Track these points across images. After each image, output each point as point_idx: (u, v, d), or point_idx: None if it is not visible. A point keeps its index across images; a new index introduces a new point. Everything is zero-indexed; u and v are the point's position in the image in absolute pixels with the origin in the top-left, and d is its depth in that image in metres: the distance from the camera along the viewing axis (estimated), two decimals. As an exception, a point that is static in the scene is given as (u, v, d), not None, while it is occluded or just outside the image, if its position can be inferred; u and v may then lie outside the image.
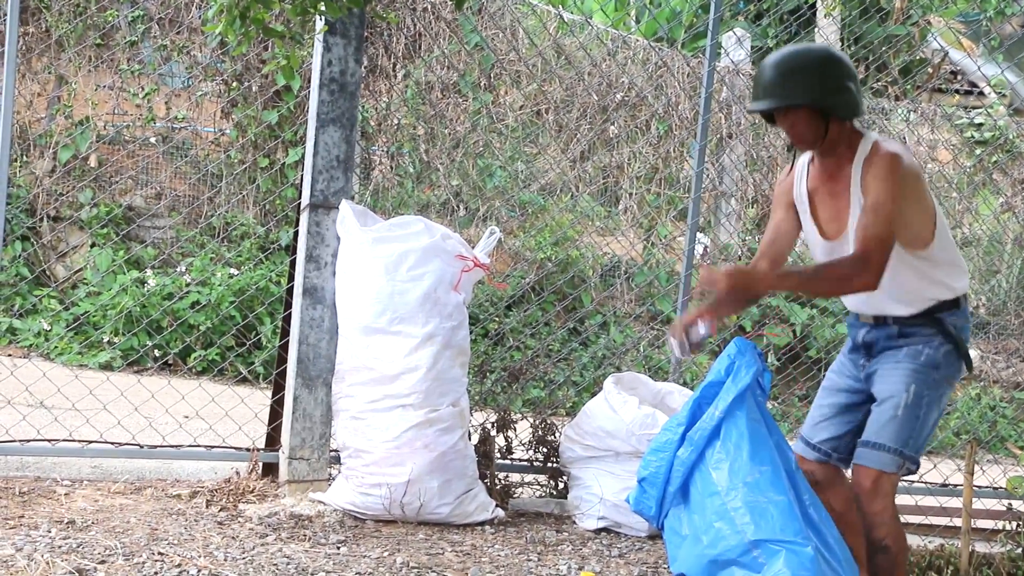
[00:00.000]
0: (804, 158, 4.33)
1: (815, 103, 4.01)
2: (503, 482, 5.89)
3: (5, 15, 8.41)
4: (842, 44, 12.97)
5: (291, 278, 5.74)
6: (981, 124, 13.65)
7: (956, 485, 6.64)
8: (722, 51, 11.33)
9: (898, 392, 4.09)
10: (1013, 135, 12.63)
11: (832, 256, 4.13)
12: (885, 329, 4.19)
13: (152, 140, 11.10)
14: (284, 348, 5.75)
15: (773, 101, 4.05)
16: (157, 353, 9.32)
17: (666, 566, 4.67)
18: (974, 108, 14.56)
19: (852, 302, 4.29)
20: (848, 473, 4.31)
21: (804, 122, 4.05)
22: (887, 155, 3.98)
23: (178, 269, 9.96)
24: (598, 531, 5.55)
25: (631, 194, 11.76)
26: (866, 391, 4.28)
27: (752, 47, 12.99)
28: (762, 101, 4.09)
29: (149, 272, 9.82)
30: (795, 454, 4.29)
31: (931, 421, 4.14)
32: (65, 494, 5.19)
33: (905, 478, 5.61)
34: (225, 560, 4.37)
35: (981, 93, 15.10)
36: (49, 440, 5.64)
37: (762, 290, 3.96)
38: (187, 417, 6.47)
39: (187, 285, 9.65)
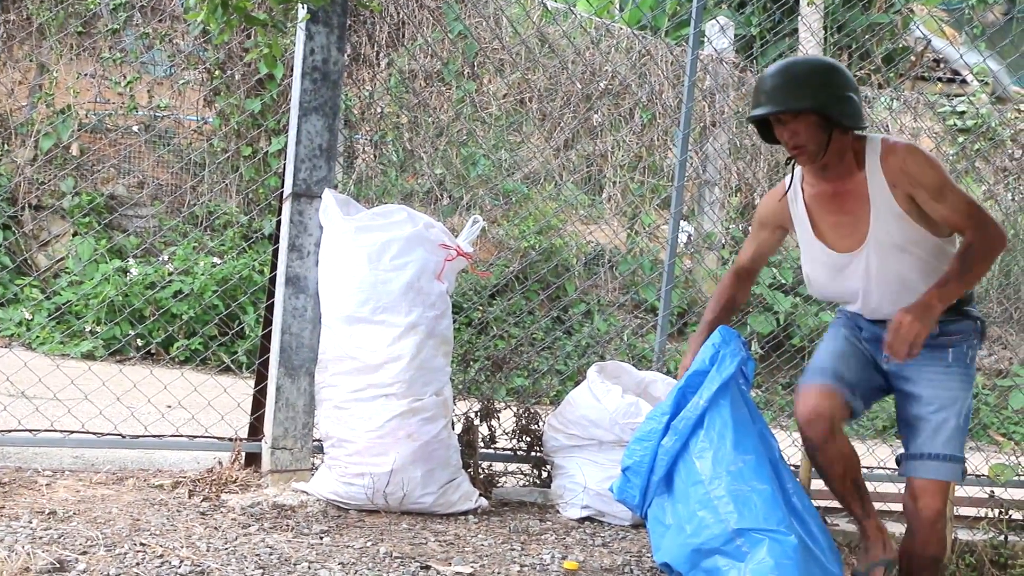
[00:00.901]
0: (794, 176, 4.25)
1: (821, 109, 3.93)
2: (487, 471, 5.88)
3: (-15, 3, 8.36)
4: (825, 32, 12.98)
5: (274, 267, 5.72)
6: (963, 112, 13.69)
7: (939, 473, 6.64)
8: (705, 39, 11.33)
9: (958, 399, 4.05)
10: (995, 123, 12.66)
11: (845, 271, 4.09)
12: None
13: (134, 129, 11.06)
14: (267, 337, 5.73)
15: (777, 106, 3.98)
16: (139, 342, 9.30)
17: (650, 555, 4.66)
18: (956, 96, 14.60)
19: (878, 311, 4.17)
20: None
21: (808, 130, 3.97)
22: (909, 146, 3.95)
23: (161, 258, 9.93)
24: (582, 520, 5.55)
25: (615, 182, 11.76)
26: (884, 375, 4.24)
27: (735, 35, 12.98)
28: (765, 107, 4.01)
29: (131, 261, 9.79)
30: (808, 391, 4.16)
31: None
32: (46, 484, 5.17)
33: (886, 467, 5.65)
34: (208, 550, 4.36)
35: (963, 81, 15.15)
36: (30, 430, 5.61)
37: (940, 313, 3.82)
38: (169, 407, 6.45)
39: (170, 274, 9.63)
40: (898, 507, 6.30)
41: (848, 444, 4.15)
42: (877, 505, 6.22)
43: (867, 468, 6.68)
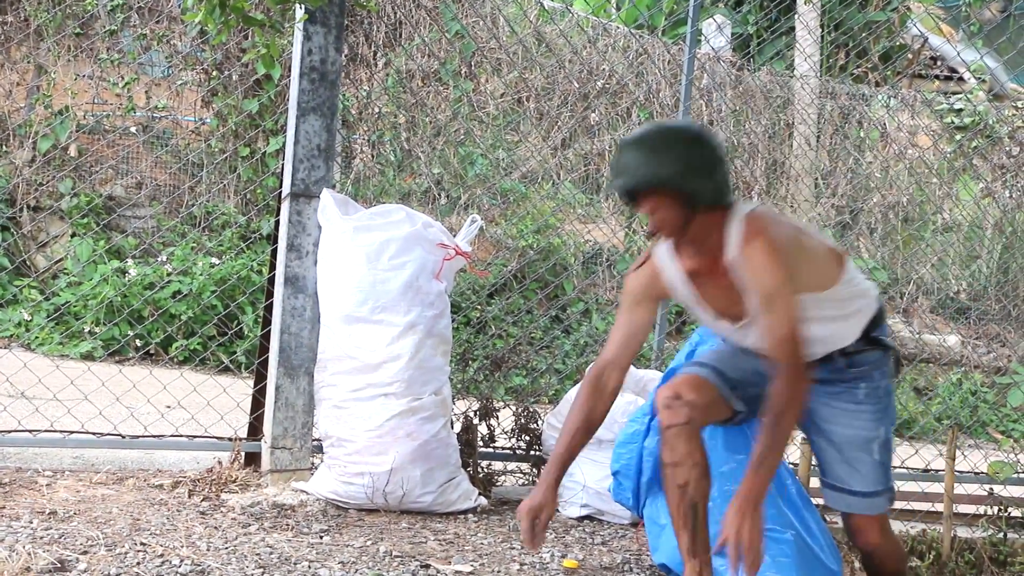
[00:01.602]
0: (661, 248, 3.90)
1: (677, 187, 3.59)
2: (486, 470, 5.89)
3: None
4: (822, 30, 12.98)
5: (272, 267, 5.73)
6: (961, 110, 13.70)
7: (938, 471, 6.67)
8: (702, 38, 11.35)
9: (872, 436, 3.87)
10: (993, 121, 12.67)
11: (744, 334, 3.83)
12: (832, 363, 3.87)
13: (132, 129, 11.07)
14: (266, 337, 5.74)
15: (632, 180, 3.62)
16: (139, 343, 9.31)
17: (649, 553, 4.67)
18: (954, 94, 14.61)
19: None
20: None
21: (666, 207, 3.63)
22: (755, 242, 3.58)
23: (159, 259, 9.94)
24: (581, 519, 5.56)
25: (612, 181, 11.74)
26: None
27: (732, 34, 13.01)
28: (620, 179, 3.65)
29: (130, 262, 9.80)
30: (675, 377, 3.96)
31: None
32: (47, 485, 5.17)
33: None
34: (208, 550, 4.37)
35: (961, 79, 15.16)
36: (30, 431, 5.62)
37: (763, 496, 3.59)
38: (169, 407, 6.46)
39: (168, 275, 9.63)
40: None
41: (704, 455, 3.85)
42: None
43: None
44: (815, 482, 5.91)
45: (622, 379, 3.96)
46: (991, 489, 5.99)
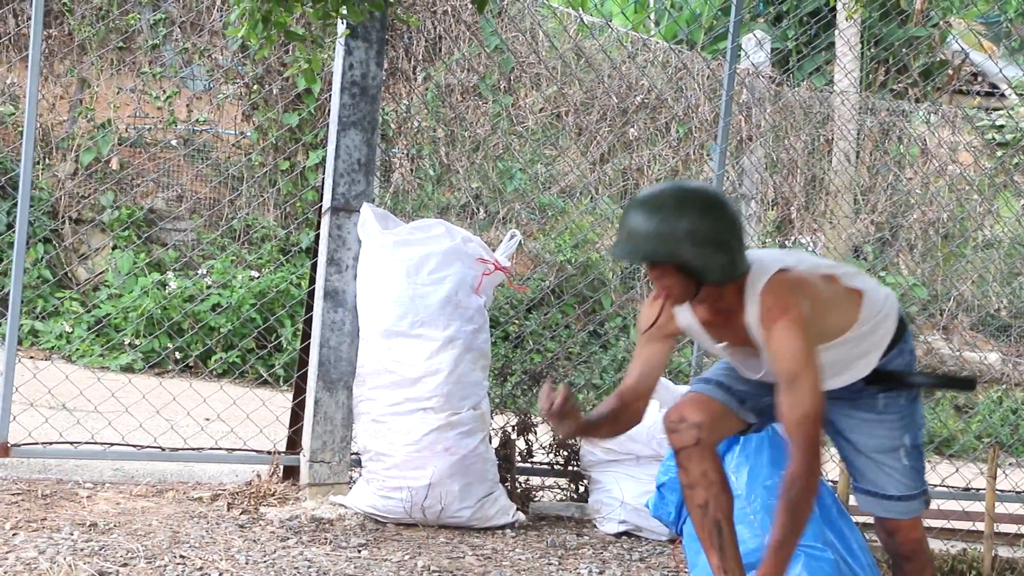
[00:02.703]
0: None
1: (685, 263, 3.45)
2: (523, 485, 5.88)
3: (29, 18, 8.44)
4: (862, 46, 12.94)
5: (312, 281, 5.75)
6: (1002, 126, 13.62)
7: (979, 489, 6.62)
8: (742, 53, 11.32)
9: (897, 444, 3.80)
10: (1034, 137, 12.59)
11: (757, 363, 3.73)
12: (851, 386, 3.80)
13: (173, 143, 11.13)
14: (305, 351, 5.76)
15: (638, 251, 3.48)
16: (178, 355, 9.35)
17: (687, 570, 4.66)
18: (995, 110, 14.53)
19: None
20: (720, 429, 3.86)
21: (672, 278, 3.50)
22: (780, 322, 3.49)
23: (199, 272, 9.98)
24: (619, 535, 5.55)
25: (651, 196, 11.73)
26: None
27: (772, 49, 12.96)
28: (627, 245, 3.51)
29: (170, 274, 9.85)
30: (680, 400, 3.88)
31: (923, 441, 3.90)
32: (87, 497, 5.20)
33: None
34: (246, 563, 4.38)
35: (1002, 95, 15.06)
36: (71, 443, 5.66)
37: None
38: (208, 420, 6.48)
39: (208, 287, 9.68)
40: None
41: (719, 472, 3.77)
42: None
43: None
44: (855, 499, 5.90)
45: (645, 405, 3.89)
46: (1033, 508, 5.94)
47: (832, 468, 5.74)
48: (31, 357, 8.72)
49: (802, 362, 3.45)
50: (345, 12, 4.28)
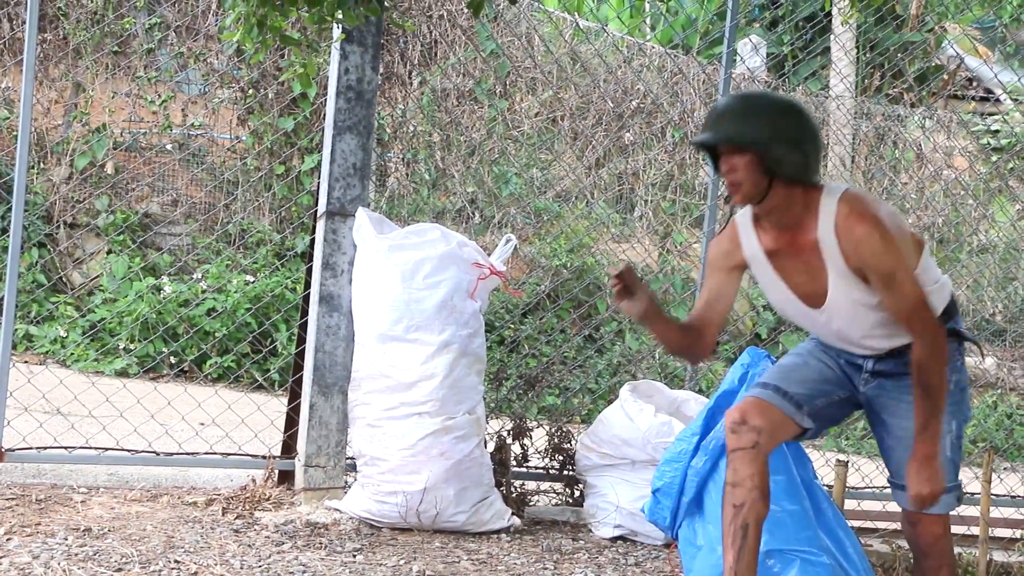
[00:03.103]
0: (744, 218, 3.90)
1: (759, 150, 3.60)
2: (519, 490, 5.88)
3: (24, 22, 8.44)
4: (858, 51, 12.96)
5: (307, 285, 5.74)
6: (997, 131, 13.63)
7: (973, 494, 6.60)
8: (738, 58, 11.33)
9: (943, 431, 3.77)
10: (1030, 142, 12.60)
11: (815, 322, 3.85)
12: (901, 358, 3.82)
13: (168, 147, 11.13)
14: (300, 355, 5.75)
15: (715, 135, 3.66)
16: (173, 360, 9.34)
17: (683, 574, 4.66)
18: (990, 115, 14.54)
19: (853, 353, 3.94)
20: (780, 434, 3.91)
21: (745, 168, 3.62)
22: (871, 218, 3.61)
23: (194, 276, 9.98)
24: (614, 539, 5.54)
25: (647, 201, 11.77)
26: (855, 394, 3.97)
27: (768, 54, 13.00)
28: (705, 133, 3.70)
29: (165, 279, 9.83)
30: (741, 402, 3.92)
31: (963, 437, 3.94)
32: (81, 501, 5.20)
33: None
34: (241, 568, 4.38)
35: (997, 100, 15.08)
36: (65, 447, 5.65)
37: (935, 455, 3.67)
38: (203, 424, 6.47)
39: (203, 292, 9.67)
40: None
41: (764, 480, 3.79)
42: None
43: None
44: (850, 504, 5.91)
45: (713, 337, 3.97)
46: (1028, 513, 5.94)
47: (827, 473, 5.74)
48: (25, 362, 8.71)
49: (894, 256, 3.60)
50: (340, 17, 4.28)
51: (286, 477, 5.69)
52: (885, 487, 6.69)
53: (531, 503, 5.92)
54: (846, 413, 4.07)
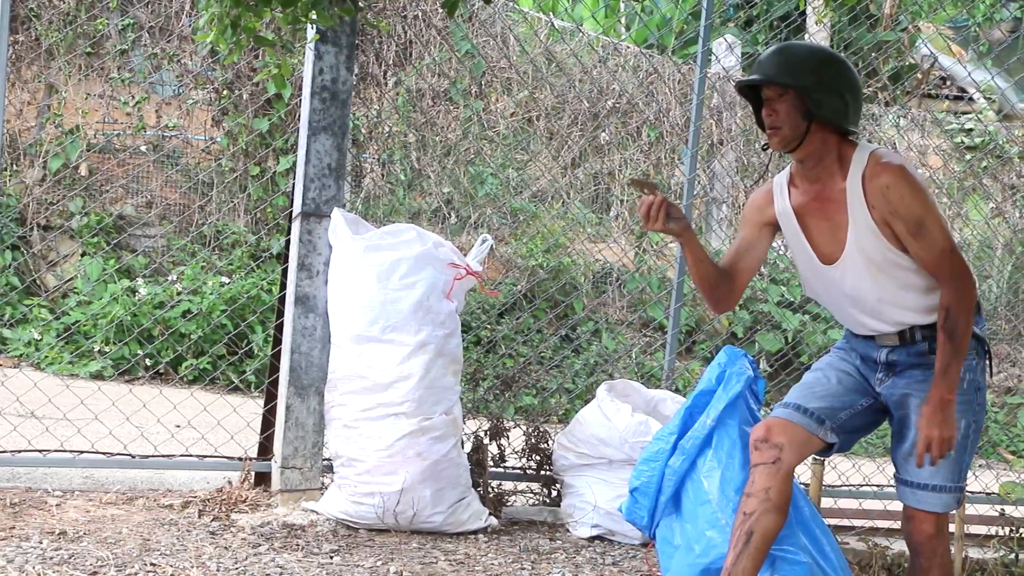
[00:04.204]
0: (781, 177, 4.05)
1: (802, 90, 3.77)
2: (496, 490, 5.87)
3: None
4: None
5: (283, 287, 5.73)
6: (971, 130, 13.68)
7: (949, 491, 6.63)
8: (713, 58, 11.35)
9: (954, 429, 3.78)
10: (1003, 140, 12.66)
11: (826, 279, 3.94)
12: (913, 347, 3.89)
13: (143, 149, 11.07)
14: (276, 357, 5.74)
15: (761, 75, 3.84)
16: (148, 362, 9.31)
17: (660, 574, 4.66)
18: (964, 114, 14.60)
19: (865, 325, 3.97)
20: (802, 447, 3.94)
21: (786, 111, 3.81)
22: (899, 168, 3.73)
23: (169, 278, 9.94)
24: (592, 539, 5.55)
25: (622, 200, 11.78)
26: (877, 398, 4.01)
27: (742, 53, 13.01)
28: (751, 75, 3.89)
29: (140, 281, 9.79)
30: (766, 420, 3.96)
31: (976, 443, 3.94)
32: (56, 505, 5.17)
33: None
34: (218, 570, 4.36)
35: (971, 99, 15.14)
36: (40, 450, 5.62)
37: (953, 399, 3.71)
38: (179, 427, 6.45)
39: (178, 294, 9.63)
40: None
41: (782, 496, 3.84)
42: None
43: (877, 486, 6.68)
44: (827, 502, 5.92)
45: (741, 286, 4.14)
46: (1003, 510, 5.96)
47: (803, 471, 5.75)
48: (-1, 365, 8.67)
49: (922, 202, 3.73)
50: (315, 17, 4.27)
51: (263, 479, 5.68)
52: (862, 485, 6.74)
53: (508, 503, 5.92)
54: (873, 421, 4.10)
